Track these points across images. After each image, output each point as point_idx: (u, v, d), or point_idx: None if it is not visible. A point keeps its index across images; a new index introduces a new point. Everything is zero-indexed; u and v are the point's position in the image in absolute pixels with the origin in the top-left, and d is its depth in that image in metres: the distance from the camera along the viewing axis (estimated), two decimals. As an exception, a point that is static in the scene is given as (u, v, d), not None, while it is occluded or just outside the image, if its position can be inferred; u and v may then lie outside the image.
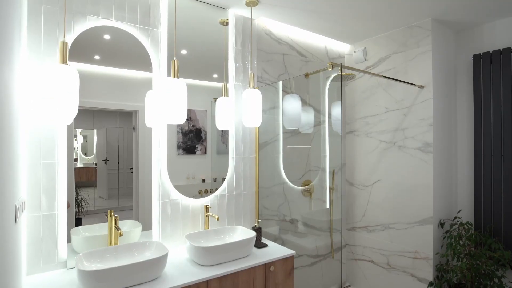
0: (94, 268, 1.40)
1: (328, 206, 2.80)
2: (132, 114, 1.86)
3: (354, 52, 2.98)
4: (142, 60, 1.87)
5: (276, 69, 2.53)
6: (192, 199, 2.05)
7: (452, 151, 2.64)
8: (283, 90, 2.54)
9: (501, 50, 2.37)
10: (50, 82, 1.30)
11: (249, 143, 2.35)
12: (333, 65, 1.79)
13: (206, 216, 2.02)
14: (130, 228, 1.83)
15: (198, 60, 2.12)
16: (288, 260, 1.91)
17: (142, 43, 1.87)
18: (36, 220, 1.54)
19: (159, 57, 1.93)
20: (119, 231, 1.57)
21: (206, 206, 2.02)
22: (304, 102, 2.68)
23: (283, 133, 2.55)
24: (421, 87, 2.45)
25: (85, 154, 1.77)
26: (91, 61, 1.72)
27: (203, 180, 2.15)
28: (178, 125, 2.03)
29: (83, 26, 1.68)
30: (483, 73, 2.46)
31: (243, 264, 1.71)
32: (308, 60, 2.76)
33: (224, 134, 2.23)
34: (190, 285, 1.50)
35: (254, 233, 1.88)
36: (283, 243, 2.52)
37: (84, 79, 1.69)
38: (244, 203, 2.31)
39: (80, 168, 1.75)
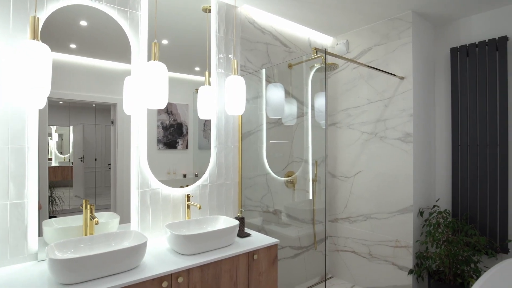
0: (67, 257, 1.32)
1: (311, 198, 2.80)
2: (110, 108, 1.78)
3: (337, 44, 2.99)
4: (121, 50, 1.79)
5: (260, 59, 2.50)
6: (173, 188, 1.99)
7: (431, 141, 2.70)
8: (266, 80, 2.52)
9: (476, 43, 2.45)
10: (19, 60, 1.21)
11: (232, 132, 2.30)
12: (317, 50, 1.78)
13: (188, 206, 1.96)
14: (107, 219, 1.75)
15: (180, 52, 2.05)
16: (271, 248, 1.88)
17: (121, 25, 1.79)
18: (3, 209, 1.43)
19: (138, 41, 1.86)
20: (95, 219, 1.49)
21: (187, 195, 1.97)
22: (287, 93, 2.67)
23: (267, 123, 2.52)
24: (402, 78, 2.49)
25: (61, 153, 1.68)
26: (66, 50, 1.62)
27: (185, 176, 2.09)
28: (158, 119, 1.97)
29: (56, 4, 1.58)
30: (460, 66, 2.53)
31: (226, 252, 1.66)
32: (292, 51, 2.75)
33: (206, 129, 2.18)
34: (171, 274, 1.44)
35: (237, 222, 1.84)
36: (266, 234, 2.49)
37: (59, 69, 1.59)
38: (227, 193, 2.26)
39: (55, 167, 1.65)
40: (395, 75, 2.43)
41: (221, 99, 2.24)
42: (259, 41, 2.50)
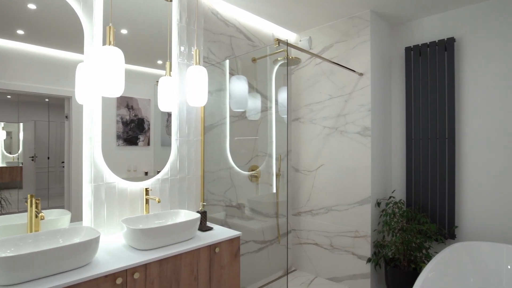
0: (3, 255, 1.20)
1: (274, 191, 2.82)
2: (64, 101, 1.65)
3: (300, 41, 3.04)
4: (75, 39, 1.66)
5: (223, 51, 2.46)
6: (130, 182, 1.89)
7: (388, 135, 2.84)
8: (230, 73, 2.49)
9: (428, 43, 2.61)
10: None
11: (194, 125, 2.25)
12: (279, 41, 1.79)
13: (147, 200, 1.87)
14: (57, 216, 1.61)
15: (140, 43, 1.95)
16: (234, 241, 1.86)
17: (74, 8, 1.66)
18: None
19: (92, 25, 1.74)
20: (40, 215, 1.37)
21: (146, 189, 1.88)
22: (251, 87, 2.66)
23: (230, 116, 2.49)
24: (361, 74, 2.59)
25: (10, 153, 1.52)
26: (13, 36, 1.47)
27: (146, 173, 2.00)
28: (118, 114, 1.86)
29: (-6, -23, 1.43)
30: (413, 64, 2.68)
31: (186, 246, 1.61)
32: (255, 45, 2.74)
33: (169, 124, 2.11)
34: (126, 270, 1.37)
35: (198, 215, 1.79)
36: (229, 228, 2.46)
37: (5, 58, 1.44)
38: (189, 187, 2.20)
39: (2, 167, 1.50)
40: (354, 71, 2.51)
41: (182, 91, 2.17)
42: (222, 33, 2.46)
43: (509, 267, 2.09)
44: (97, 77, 1.51)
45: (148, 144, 2.03)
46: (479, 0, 2.38)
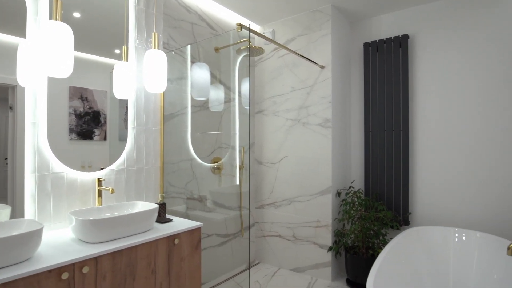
0: None
1: (238, 184, 2.78)
2: (8, 90, 1.47)
3: (264, 33, 3.03)
4: (20, 19, 1.50)
5: (184, 38, 2.38)
6: (81, 172, 1.75)
7: (347, 127, 2.93)
8: (191, 61, 2.41)
9: (384, 40, 2.72)
10: None
11: (153, 113, 2.14)
12: (242, 26, 1.76)
13: (99, 191, 1.75)
14: (-8, 209, 1.44)
15: (96, 30, 1.81)
16: (194, 232, 1.79)
17: (10, -24, 1.49)
18: None
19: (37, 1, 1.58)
20: (-30, 205, 1.21)
21: (98, 179, 1.75)
22: (214, 78, 2.60)
23: (192, 106, 2.41)
24: (322, 67, 2.64)
25: None
26: None
27: (102, 169, 1.86)
28: (70, 106, 1.71)
29: None
30: (371, 59, 2.79)
31: (142, 237, 1.52)
32: (218, 35, 2.69)
33: (127, 117, 1.99)
34: (73, 264, 1.25)
35: (156, 205, 1.70)
36: (191, 222, 2.38)
37: None
38: (147, 179, 2.09)
39: None
40: (316, 63, 2.55)
41: (140, 77, 2.06)
42: (184, 20, 2.37)
43: (455, 246, 2.25)
44: (41, 55, 1.38)
45: (105, 138, 1.90)
46: (431, 0, 2.53)
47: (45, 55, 1.37)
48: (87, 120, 1.81)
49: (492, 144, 2.31)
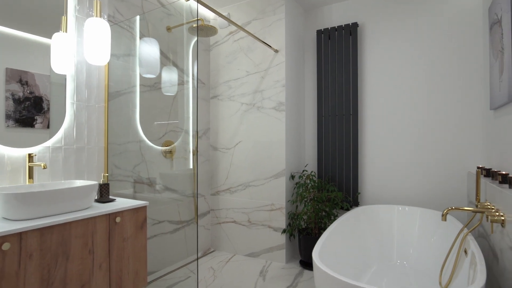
0: None
1: (191, 168, 2.71)
2: None
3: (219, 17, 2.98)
4: None
5: (133, 12, 2.26)
6: (9, 148, 1.58)
7: (301, 111, 2.98)
8: (140, 38, 2.29)
9: (336, 27, 2.81)
10: None
11: (96, 89, 2.00)
12: (188, -4, 1.70)
13: (30, 168, 1.59)
14: None
15: (36, 5, 1.64)
16: (139, 211, 1.70)
17: None
18: None
19: None
20: None
21: (29, 155, 1.59)
22: (167, 59, 2.50)
23: (141, 85, 2.30)
24: (276, 51, 2.65)
25: None
26: None
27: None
28: (7, 89, 1.54)
29: None
30: (323, 46, 2.86)
31: (78, 214, 1.41)
32: (171, 14, 2.59)
33: (66, 91, 1.83)
34: (-10, 239, 1.12)
35: (95, 182, 1.59)
36: (140, 207, 2.27)
37: None
38: (89, 159, 1.95)
39: None
40: (271, 46, 2.56)
41: (81, 49, 1.91)
42: (131, -6, 2.25)
43: (398, 220, 2.38)
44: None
45: (48, 126, 1.74)
46: (377, -10, 2.65)
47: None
48: (27, 106, 1.65)
49: (434, 130, 2.48)
